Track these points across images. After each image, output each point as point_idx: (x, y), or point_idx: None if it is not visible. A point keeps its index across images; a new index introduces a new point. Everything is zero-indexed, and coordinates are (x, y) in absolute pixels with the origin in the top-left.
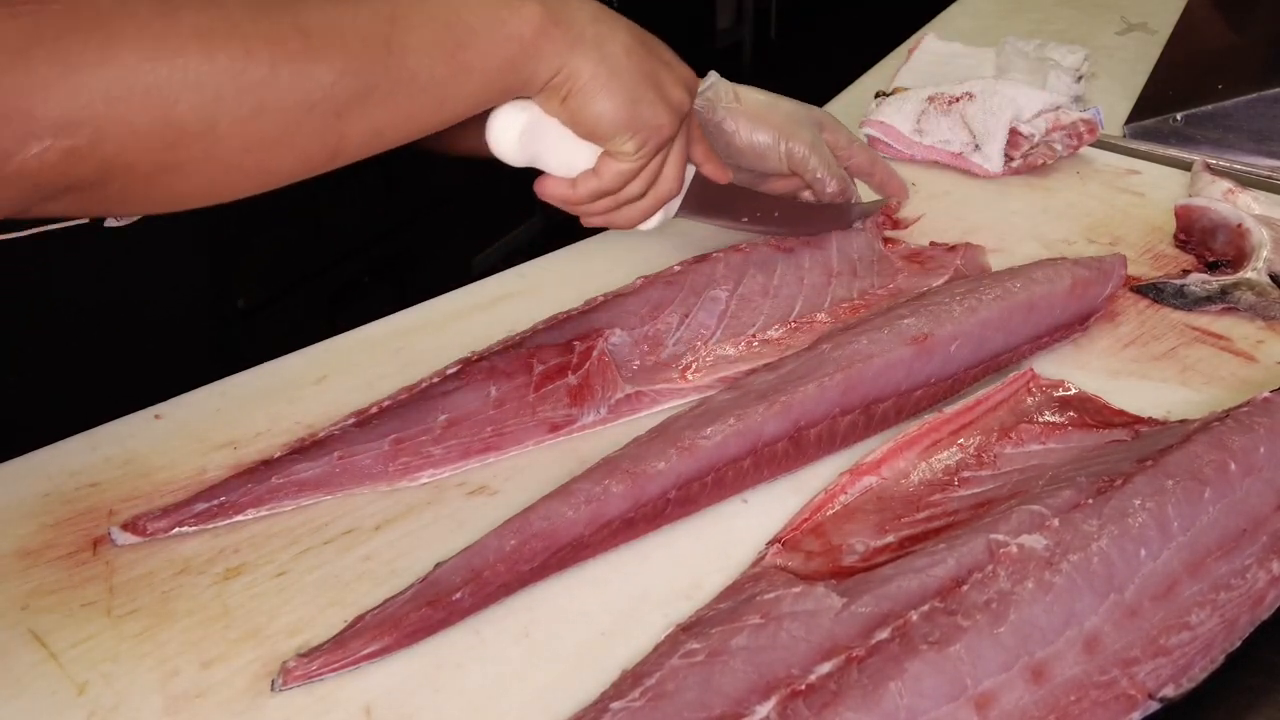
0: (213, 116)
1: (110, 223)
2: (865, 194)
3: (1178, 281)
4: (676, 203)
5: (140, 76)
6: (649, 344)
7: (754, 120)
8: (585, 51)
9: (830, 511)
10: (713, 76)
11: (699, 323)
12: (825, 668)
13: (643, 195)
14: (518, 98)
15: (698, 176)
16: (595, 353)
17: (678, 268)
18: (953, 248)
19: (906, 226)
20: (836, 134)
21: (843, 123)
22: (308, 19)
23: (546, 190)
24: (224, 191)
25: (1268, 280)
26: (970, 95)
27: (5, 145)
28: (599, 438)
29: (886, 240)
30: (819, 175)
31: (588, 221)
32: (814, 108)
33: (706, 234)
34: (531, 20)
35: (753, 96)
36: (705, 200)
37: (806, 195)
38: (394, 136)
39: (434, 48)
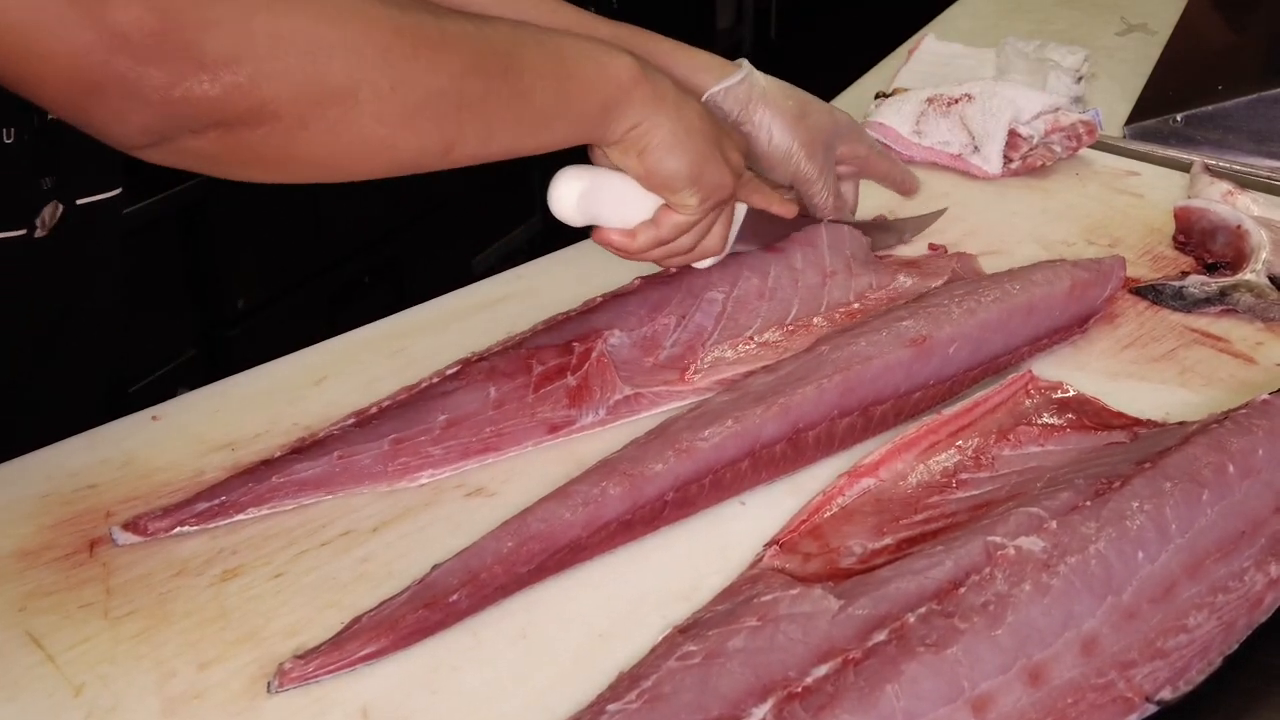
0: (357, 81)
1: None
2: (872, 194)
3: (1177, 283)
4: (728, 248)
5: (304, 29)
6: (647, 345)
7: (783, 129)
8: (667, 110)
9: (828, 513)
10: (746, 67)
11: (696, 324)
12: (822, 670)
13: (690, 250)
14: (594, 146)
15: (750, 211)
16: (594, 354)
17: (674, 269)
18: (948, 255)
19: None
20: (856, 145)
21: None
22: (446, 22)
23: (605, 239)
24: (348, 166)
25: (1267, 282)
26: (969, 96)
27: (174, 73)
28: (597, 439)
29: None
30: (816, 202)
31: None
32: (840, 113)
33: None
34: (627, 69)
35: (781, 100)
36: (756, 230)
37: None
38: (499, 148)
39: (546, 72)
